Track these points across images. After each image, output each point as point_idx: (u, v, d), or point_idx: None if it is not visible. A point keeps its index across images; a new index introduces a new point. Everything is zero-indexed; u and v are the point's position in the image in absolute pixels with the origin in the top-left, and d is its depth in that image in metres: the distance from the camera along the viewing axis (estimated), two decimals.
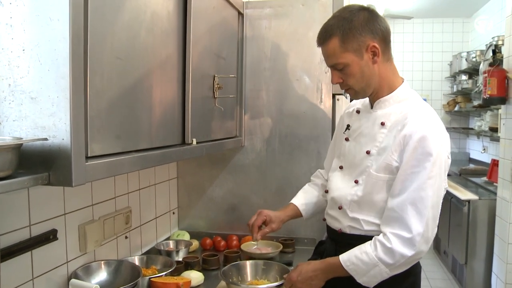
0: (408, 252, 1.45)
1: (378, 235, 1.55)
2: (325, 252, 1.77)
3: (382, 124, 1.58)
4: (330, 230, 1.76)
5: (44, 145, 1.06)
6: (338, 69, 1.56)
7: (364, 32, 1.51)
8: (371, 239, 1.55)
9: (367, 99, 1.69)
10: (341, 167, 1.73)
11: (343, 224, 1.66)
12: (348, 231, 1.65)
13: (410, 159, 1.48)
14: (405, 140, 1.50)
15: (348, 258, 1.52)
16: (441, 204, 1.53)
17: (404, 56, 7.32)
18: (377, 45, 1.52)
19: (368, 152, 1.59)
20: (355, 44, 1.51)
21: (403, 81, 1.64)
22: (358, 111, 1.73)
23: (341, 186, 1.68)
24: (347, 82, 1.58)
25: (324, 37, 1.55)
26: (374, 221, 1.58)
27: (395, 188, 1.51)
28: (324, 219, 1.80)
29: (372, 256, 1.48)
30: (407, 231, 1.46)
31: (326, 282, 1.61)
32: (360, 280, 1.50)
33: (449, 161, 1.56)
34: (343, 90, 1.66)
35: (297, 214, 1.95)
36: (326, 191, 1.78)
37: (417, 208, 1.46)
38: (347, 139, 1.72)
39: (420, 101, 1.62)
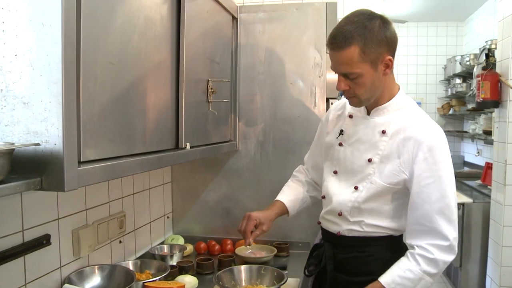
0: (449, 258, 1.50)
1: (376, 235, 1.60)
2: (324, 255, 1.76)
3: (383, 132, 1.59)
4: (327, 233, 1.76)
5: (36, 150, 1.06)
6: (349, 78, 1.53)
7: (382, 43, 1.48)
8: (369, 240, 1.61)
9: None
10: (335, 172, 1.72)
11: (342, 227, 1.67)
12: (347, 233, 1.66)
13: (422, 170, 1.51)
14: (413, 152, 1.52)
15: (392, 280, 1.51)
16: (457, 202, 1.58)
17: (398, 59, 7.28)
18: (392, 59, 1.52)
19: (370, 160, 1.60)
20: (373, 56, 1.48)
21: (399, 88, 1.65)
22: (350, 116, 1.71)
23: (339, 192, 1.68)
24: (355, 91, 1.55)
25: (342, 43, 1.47)
26: (374, 223, 1.62)
27: (414, 202, 1.54)
28: (319, 222, 1.80)
29: (417, 271, 1.49)
30: (443, 240, 1.50)
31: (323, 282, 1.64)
32: None
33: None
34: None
35: (284, 211, 1.90)
36: (323, 197, 1.77)
37: (446, 216, 1.50)
38: (341, 144, 1.71)
39: (417, 108, 1.65)
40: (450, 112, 6.82)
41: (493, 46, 4.24)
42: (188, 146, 1.81)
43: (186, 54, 1.77)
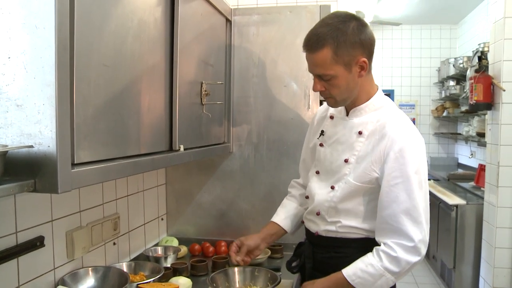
0: (413, 258, 1.50)
1: (352, 236, 1.63)
2: (303, 254, 1.81)
3: (360, 133, 1.61)
4: (308, 232, 1.80)
5: (30, 152, 1.07)
6: (324, 80, 1.56)
7: (356, 46, 1.50)
8: (345, 241, 1.63)
9: None
10: (317, 172, 1.76)
11: (320, 227, 1.71)
12: (324, 234, 1.70)
13: (392, 170, 1.52)
14: (385, 151, 1.53)
15: (354, 273, 1.53)
16: (429, 207, 1.57)
17: (393, 62, 7.38)
18: (366, 60, 1.53)
19: (346, 161, 1.62)
20: (347, 58, 1.50)
21: (377, 89, 1.67)
22: (331, 117, 1.74)
23: (319, 191, 1.71)
24: (331, 92, 1.58)
25: (315, 45, 1.51)
26: (350, 224, 1.64)
27: (382, 200, 1.54)
28: (303, 222, 1.84)
29: (378, 266, 1.50)
30: (408, 240, 1.50)
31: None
32: None
33: (427, 163, 1.60)
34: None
35: (280, 231, 1.91)
36: (307, 197, 1.81)
37: (412, 217, 1.50)
38: (321, 145, 1.74)
39: (395, 108, 1.66)
40: (444, 114, 6.85)
41: (486, 49, 4.28)
42: (181, 148, 1.81)
43: (180, 56, 1.78)
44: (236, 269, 1.95)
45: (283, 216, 1.93)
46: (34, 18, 1.04)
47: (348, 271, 1.53)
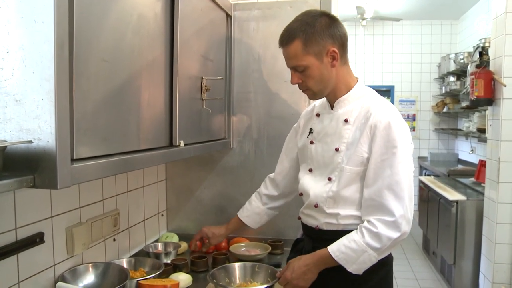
0: (393, 234, 1.54)
1: (353, 227, 1.64)
2: (303, 249, 1.82)
3: (346, 121, 1.67)
4: (306, 227, 1.82)
5: (29, 148, 1.06)
6: (298, 71, 1.64)
7: (325, 37, 1.59)
8: (347, 233, 1.63)
9: (324, 102, 1.78)
10: (310, 170, 1.79)
11: (320, 221, 1.73)
12: (325, 227, 1.72)
13: (379, 147, 1.58)
14: (371, 131, 1.60)
15: (337, 248, 1.58)
16: (413, 185, 1.62)
17: (393, 57, 7.37)
18: (336, 50, 1.61)
19: (337, 149, 1.66)
20: (316, 48, 1.59)
21: (357, 80, 1.73)
22: (318, 114, 1.80)
23: (314, 185, 1.74)
24: (306, 84, 1.66)
25: (287, 39, 1.62)
26: (350, 214, 1.66)
27: (369, 178, 1.60)
28: (299, 218, 1.86)
29: (361, 242, 1.55)
30: (389, 215, 1.55)
31: (317, 279, 1.65)
32: (350, 268, 1.57)
33: (412, 146, 1.66)
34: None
35: (242, 225, 2.10)
36: (301, 194, 1.83)
37: (394, 192, 1.55)
38: (312, 142, 1.78)
39: (376, 95, 1.72)
40: (444, 110, 6.85)
41: (486, 44, 4.26)
42: (182, 144, 1.81)
43: (180, 51, 1.77)
44: (236, 265, 1.95)
45: (247, 214, 2.09)
46: (32, 12, 1.03)
47: (333, 247, 1.59)
